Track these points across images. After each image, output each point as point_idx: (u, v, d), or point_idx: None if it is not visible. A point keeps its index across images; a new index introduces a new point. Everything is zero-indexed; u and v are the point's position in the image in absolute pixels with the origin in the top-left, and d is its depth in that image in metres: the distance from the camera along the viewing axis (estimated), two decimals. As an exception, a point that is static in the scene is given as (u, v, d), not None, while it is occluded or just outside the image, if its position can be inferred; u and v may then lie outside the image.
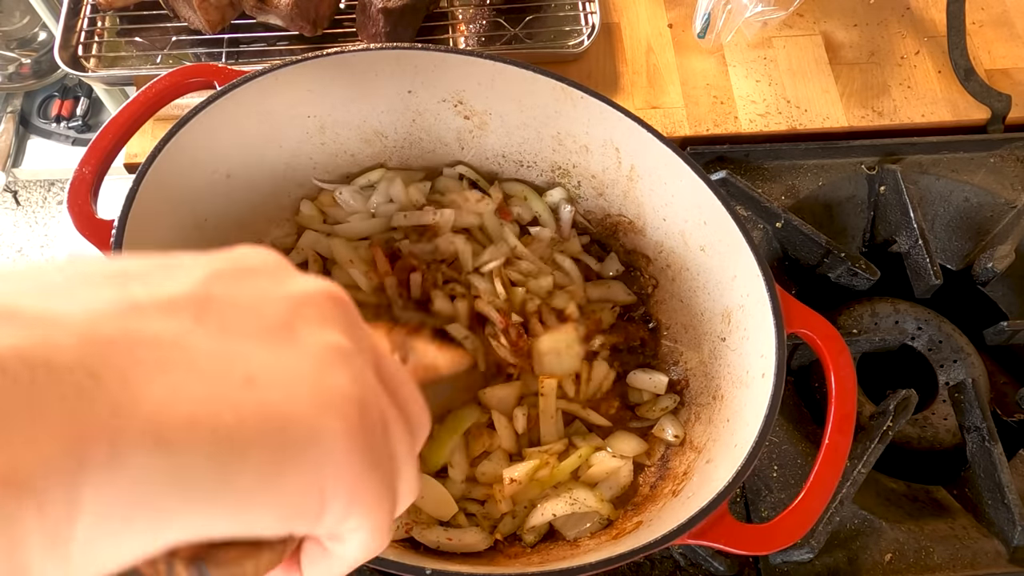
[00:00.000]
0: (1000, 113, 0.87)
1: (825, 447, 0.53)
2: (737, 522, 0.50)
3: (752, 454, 0.51)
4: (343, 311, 0.26)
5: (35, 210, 1.93)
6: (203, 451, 0.20)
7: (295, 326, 0.24)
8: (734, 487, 0.50)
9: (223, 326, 0.22)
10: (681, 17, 0.92)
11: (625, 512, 0.62)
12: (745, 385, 0.59)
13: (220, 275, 0.24)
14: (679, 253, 0.68)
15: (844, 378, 0.55)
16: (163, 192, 0.58)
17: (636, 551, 0.48)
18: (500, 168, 0.74)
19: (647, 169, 0.67)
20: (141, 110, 0.60)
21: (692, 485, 0.57)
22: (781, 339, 0.55)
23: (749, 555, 0.63)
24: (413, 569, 0.46)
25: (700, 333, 0.67)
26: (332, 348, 0.24)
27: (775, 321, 0.56)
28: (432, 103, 0.69)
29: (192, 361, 0.21)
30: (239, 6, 0.83)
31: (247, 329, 0.23)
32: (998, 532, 0.66)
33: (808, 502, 0.51)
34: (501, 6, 0.89)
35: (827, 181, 0.82)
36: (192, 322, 0.22)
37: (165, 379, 0.20)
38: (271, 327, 0.23)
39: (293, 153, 0.69)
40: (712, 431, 0.61)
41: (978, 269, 0.78)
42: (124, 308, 0.21)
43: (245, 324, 0.23)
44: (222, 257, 0.25)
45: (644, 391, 0.68)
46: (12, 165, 1.82)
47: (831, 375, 0.55)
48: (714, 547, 0.50)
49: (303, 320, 0.24)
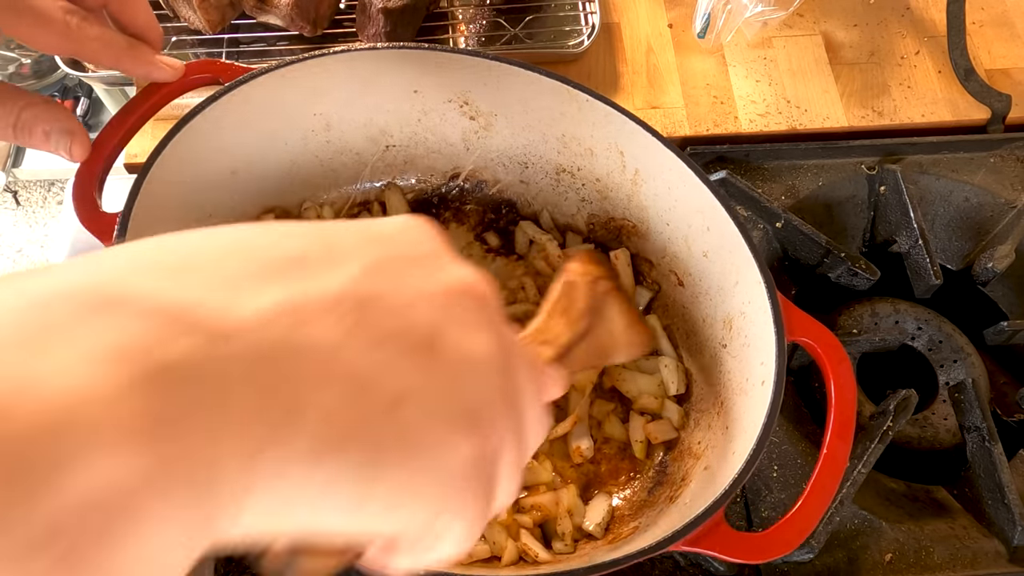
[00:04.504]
0: (1000, 113, 0.87)
1: (824, 455, 0.52)
2: (733, 530, 0.50)
3: (749, 463, 0.51)
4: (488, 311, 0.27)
5: (35, 210, 1.93)
6: (350, 472, 0.22)
7: (442, 330, 0.25)
8: (730, 495, 0.50)
9: (377, 336, 0.24)
10: (681, 17, 0.92)
11: (622, 517, 0.62)
12: (744, 392, 0.59)
13: (379, 268, 0.25)
14: (682, 258, 0.68)
15: (844, 386, 0.55)
16: (168, 186, 0.58)
17: (631, 556, 0.47)
18: (504, 169, 0.74)
19: (651, 173, 0.67)
20: (145, 105, 0.60)
21: (690, 491, 0.57)
22: (782, 347, 0.55)
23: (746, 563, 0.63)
24: None
25: (701, 339, 0.67)
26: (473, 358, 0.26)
27: (776, 329, 0.56)
28: (438, 103, 0.69)
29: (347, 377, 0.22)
30: (239, 6, 0.83)
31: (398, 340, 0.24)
32: (998, 532, 0.66)
33: (806, 509, 0.51)
34: (501, 6, 0.89)
35: (827, 181, 0.82)
36: (350, 328, 0.23)
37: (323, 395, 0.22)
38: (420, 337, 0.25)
39: (298, 150, 0.69)
40: (711, 437, 0.61)
41: (978, 269, 0.78)
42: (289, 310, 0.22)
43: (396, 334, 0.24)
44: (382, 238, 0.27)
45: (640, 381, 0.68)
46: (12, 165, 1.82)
47: (831, 384, 0.55)
48: (709, 555, 0.50)
49: (450, 322, 0.25)
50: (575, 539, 0.61)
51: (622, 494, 0.64)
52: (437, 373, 0.25)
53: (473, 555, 0.58)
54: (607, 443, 0.66)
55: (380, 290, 0.25)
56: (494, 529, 0.59)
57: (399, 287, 0.25)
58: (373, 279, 0.25)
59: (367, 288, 0.24)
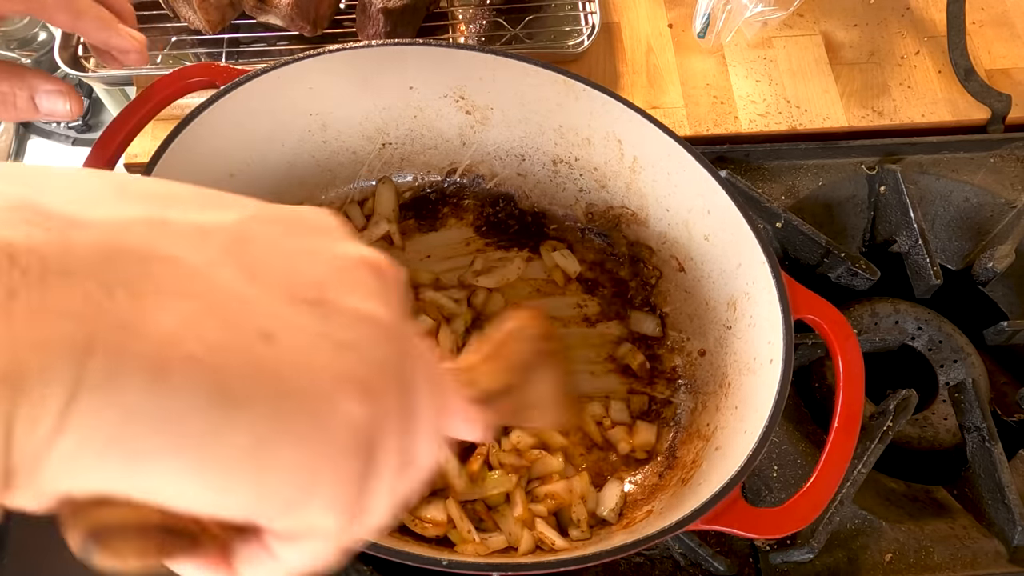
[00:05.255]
0: (1000, 113, 0.87)
1: (835, 430, 0.53)
2: (750, 506, 0.51)
3: (764, 437, 0.52)
4: (389, 287, 0.23)
5: (35, 210, 1.93)
6: (202, 395, 0.18)
7: (330, 287, 0.21)
8: (748, 470, 0.51)
9: (253, 270, 0.20)
10: (681, 17, 0.92)
11: (635, 502, 0.62)
12: (752, 372, 0.59)
13: (267, 219, 0.22)
14: (683, 243, 0.68)
15: (851, 362, 0.55)
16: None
17: (651, 537, 0.48)
18: (501, 163, 0.74)
19: (650, 160, 0.67)
20: (145, 108, 0.60)
21: (701, 473, 0.58)
22: (788, 325, 0.55)
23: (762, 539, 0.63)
24: (429, 560, 0.46)
25: (706, 322, 0.67)
26: (365, 317, 0.21)
27: (782, 307, 0.56)
28: (434, 99, 0.69)
29: (212, 297, 0.19)
30: (239, 6, 0.83)
31: (278, 280, 0.21)
32: (998, 532, 0.66)
33: (820, 484, 0.52)
34: (501, 6, 0.89)
35: (827, 181, 0.82)
36: (221, 254, 0.20)
37: (179, 306, 0.18)
38: (305, 283, 0.21)
39: (295, 151, 0.69)
40: (720, 419, 0.61)
41: (978, 269, 0.78)
42: (152, 223, 0.19)
43: (277, 274, 0.21)
44: (279, 206, 0.23)
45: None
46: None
47: (838, 360, 0.56)
48: (728, 531, 0.50)
49: (341, 283, 0.22)
50: (590, 525, 0.61)
51: (634, 479, 0.65)
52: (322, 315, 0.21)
53: (489, 546, 0.58)
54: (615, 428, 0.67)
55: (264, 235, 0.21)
56: (509, 520, 0.60)
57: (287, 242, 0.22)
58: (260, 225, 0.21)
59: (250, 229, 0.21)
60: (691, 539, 0.62)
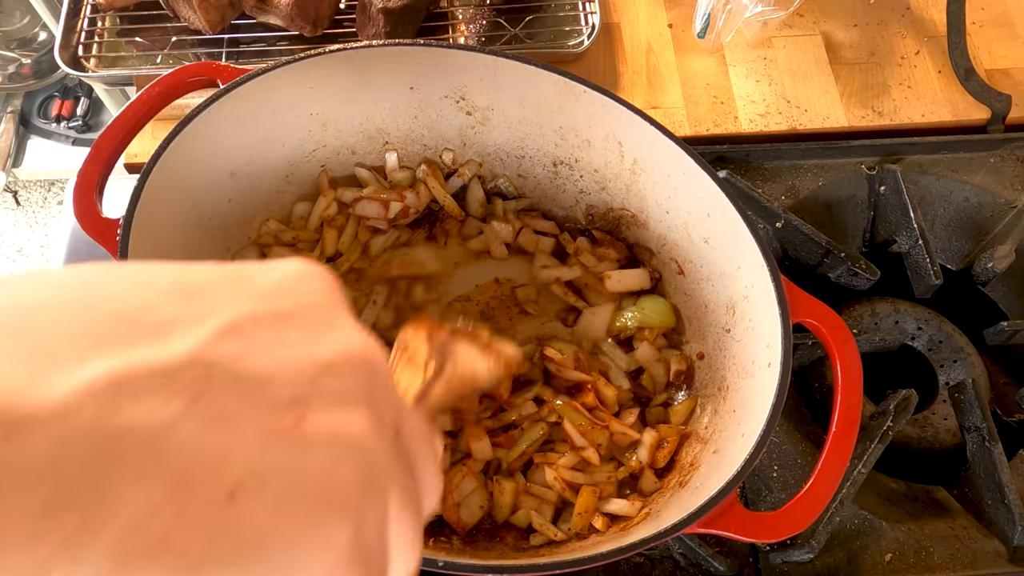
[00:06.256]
0: (1000, 113, 0.87)
1: (832, 434, 0.53)
2: (747, 510, 0.51)
3: (761, 441, 0.52)
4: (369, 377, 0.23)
5: (35, 210, 1.93)
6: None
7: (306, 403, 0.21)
8: (744, 474, 0.50)
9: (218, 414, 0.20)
10: (681, 17, 0.92)
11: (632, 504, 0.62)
12: (751, 375, 0.59)
13: (240, 328, 0.21)
14: (683, 246, 0.68)
15: (849, 367, 0.55)
16: (168, 191, 0.58)
17: (647, 540, 0.48)
18: (502, 164, 0.74)
19: (650, 163, 0.67)
20: (145, 108, 0.60)
21: (699, 475, 0.58)
22: (787, 328, 0.55)
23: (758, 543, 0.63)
24: (427, 560, 0.46)
25: (705, 325, 0.67)
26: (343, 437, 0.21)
27: (781, 311, 0.56)
28: (434, 99, 0.69)
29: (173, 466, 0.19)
30: (239, 6, 0.83)
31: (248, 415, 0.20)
32: (998, 532, 0.66)
33: (817, 488, 0.51)
34: (501, 6, 0.89)
35: (827, 181, 0.82)
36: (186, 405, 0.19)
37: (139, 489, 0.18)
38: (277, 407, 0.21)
39: (296, 151, 0.69)
40: (718, 422, 0.61)
41: (978, 269, 0.78)
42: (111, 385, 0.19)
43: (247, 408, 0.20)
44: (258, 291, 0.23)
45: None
46: (12, 165, 1.82)
47: (837, 364, 0.56)
48: (725, 535, 0.50)
49: (320, 396, 0.21)
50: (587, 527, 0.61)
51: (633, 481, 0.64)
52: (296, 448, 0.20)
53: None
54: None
55: (235, 355, 0.21)
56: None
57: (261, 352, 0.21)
58: (230, 342, 0.21)
59: (218, 353, 0.20)
60: (691, 539, 0.62)
